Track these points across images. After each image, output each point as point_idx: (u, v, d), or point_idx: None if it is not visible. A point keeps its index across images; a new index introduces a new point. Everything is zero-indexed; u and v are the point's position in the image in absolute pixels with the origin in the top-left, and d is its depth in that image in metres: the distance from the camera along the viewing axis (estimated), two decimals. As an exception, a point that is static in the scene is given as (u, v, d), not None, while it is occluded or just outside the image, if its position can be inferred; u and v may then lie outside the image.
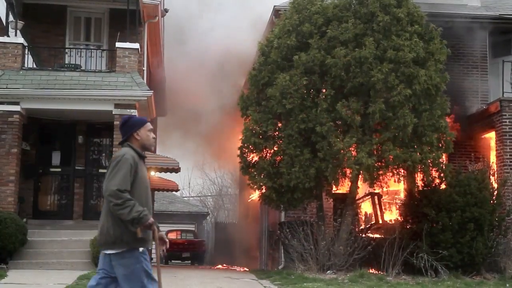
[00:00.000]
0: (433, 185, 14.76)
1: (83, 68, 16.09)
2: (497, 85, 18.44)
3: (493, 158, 17.32)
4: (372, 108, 13.56)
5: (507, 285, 13.11)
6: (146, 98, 15.21)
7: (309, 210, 16.58)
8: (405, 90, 13.51)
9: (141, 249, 5.36)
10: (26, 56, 15.67)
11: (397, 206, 16.41)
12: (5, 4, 15.55)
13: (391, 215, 16.96)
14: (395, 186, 16.72)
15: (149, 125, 5.60)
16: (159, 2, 16.88)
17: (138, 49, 15.77)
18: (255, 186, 14.94)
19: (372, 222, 16.65)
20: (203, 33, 23.21)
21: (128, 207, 5.19)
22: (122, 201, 5.19)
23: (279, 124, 14.73)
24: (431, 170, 14.22)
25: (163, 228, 36.58)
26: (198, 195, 49.64)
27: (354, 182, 14.29)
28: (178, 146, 29.82)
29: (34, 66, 16.05)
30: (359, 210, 16.50)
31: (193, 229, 39.32)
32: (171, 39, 22.21)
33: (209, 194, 48.93)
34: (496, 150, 16.95)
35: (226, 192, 45.44)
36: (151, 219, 5.31)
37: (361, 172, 13.51)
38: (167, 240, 5.64)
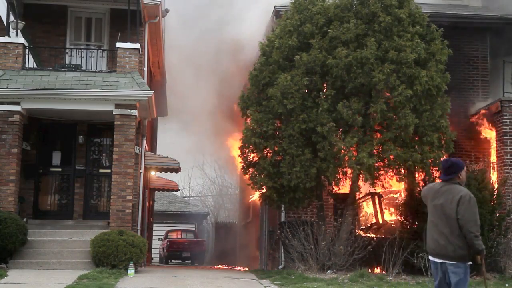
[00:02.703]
0: (434, 185, 14.74)
1: (83, 68, 16.06)
2: (498, 85, 18.45)
3: (493, 158, 17.33)
4: (373, 108, 13.57)
5: (507, 285, 13.11)
6: (146, 98, 15.21)
7: (310, 210, 16.60)
8: (406, 90, 13.52)
9: (468, 263, 6.83)
10: (26, 56, 15.65)
11: (398, 206, 16.41)
12: (5, 4, 15.54)
13: (391, 215, 16.96)
14: (396, 186, 16.72)
15: (465, 168, 7.16)
16: (159, 3, 16.87)
17: (138, 49, 15.76)
18: (256, 186, 14.94)
19: (372, 222, 16.65)
20: (203, 33, 23.20)
21: (480, 240, 6.76)
22: (479, 234, 6.72)
23: (280, 124, 14.74)
24: (432, 169, 14.23)
25: (164, 228, 36.77)
26: (198, 195, 49.64)
27: (355, 182, 14.30)
28: (179, 146, 29.85)
29: (35, 66, 16.02)
30: (359, 210, 16.50)
31: (193, 229, 39.27)
32: (171, 39, 22.20)
33: (209, 194, 48.93)
34: (497, 150, 16.96)
35: (226, 192, 45.43)
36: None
37: (361, 172, 13.52)
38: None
